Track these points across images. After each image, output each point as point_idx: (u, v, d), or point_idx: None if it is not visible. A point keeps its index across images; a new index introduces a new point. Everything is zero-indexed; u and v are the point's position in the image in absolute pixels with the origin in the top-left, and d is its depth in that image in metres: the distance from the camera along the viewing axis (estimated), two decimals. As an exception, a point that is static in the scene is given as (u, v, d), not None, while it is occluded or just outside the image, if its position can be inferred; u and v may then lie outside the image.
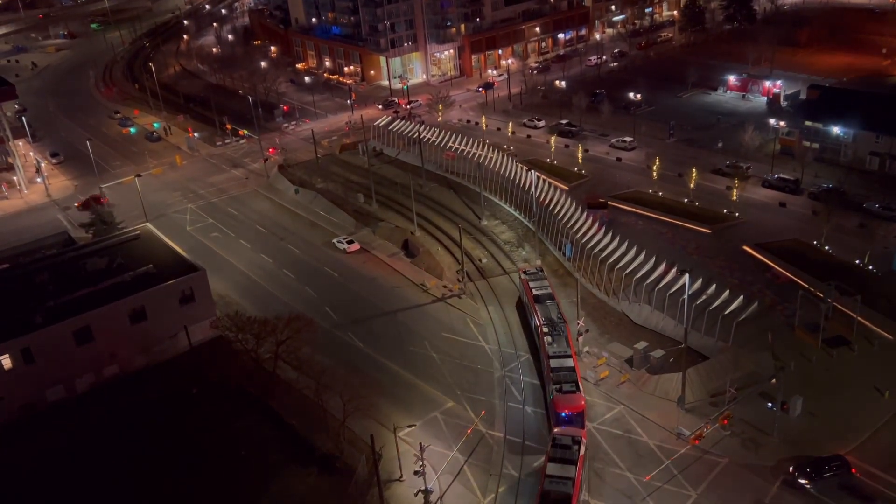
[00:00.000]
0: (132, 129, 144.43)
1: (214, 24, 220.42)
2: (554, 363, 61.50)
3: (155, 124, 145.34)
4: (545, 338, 64.31)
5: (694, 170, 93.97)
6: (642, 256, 76.08)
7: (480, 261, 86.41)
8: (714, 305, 67.84)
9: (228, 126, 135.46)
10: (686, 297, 63.75)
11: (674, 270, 72.37)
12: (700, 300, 68.58)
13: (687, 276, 63.16)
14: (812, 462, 54.68)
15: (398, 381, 67.53)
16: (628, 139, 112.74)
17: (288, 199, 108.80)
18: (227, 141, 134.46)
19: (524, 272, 75.87)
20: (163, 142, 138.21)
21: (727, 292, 68.98)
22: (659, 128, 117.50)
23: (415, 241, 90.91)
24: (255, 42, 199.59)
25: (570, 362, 61.28)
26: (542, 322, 66.39)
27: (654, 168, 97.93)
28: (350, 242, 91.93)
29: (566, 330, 65.16)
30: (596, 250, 78.81)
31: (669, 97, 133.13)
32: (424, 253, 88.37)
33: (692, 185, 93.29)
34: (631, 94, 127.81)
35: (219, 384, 65.14)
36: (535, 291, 71.20)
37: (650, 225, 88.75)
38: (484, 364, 68.96)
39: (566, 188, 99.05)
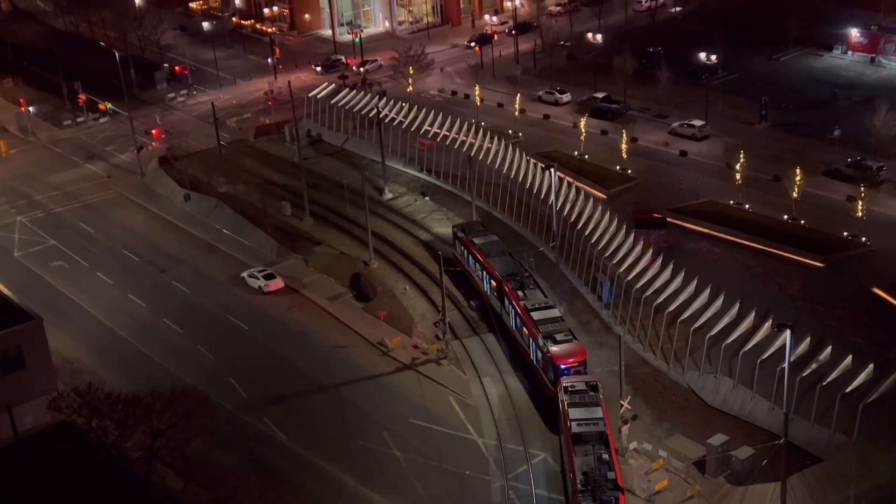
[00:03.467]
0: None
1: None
2: (537, 315, 75.01)
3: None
4: (516, 293, 77.89)
5: (798, 170, 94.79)
6: (719, 303, 76.32)
7: (471, 307, 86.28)
8: (829, 379, 68.00)
9: (83, 97, 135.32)
10: (787, 365, 63.70)
11: (767, 325, 72.60)
12: (808, 371, 68.76)
13: (788, 333, 63.11)
14: None
15: (341, 494, 66.99)
16: (698, 123, 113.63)
17: (173, 209, 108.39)
18: (80, 119, 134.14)
19: (460, 228, 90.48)
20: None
21: (849, 359, 69.14)
22: (745, 106, 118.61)
23: (370, 277, 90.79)
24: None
25: (554, 312, 76.23)
26: (504, 277, 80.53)
27: (738, 168, 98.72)
28: (269, 277, 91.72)
29: (535, 282, 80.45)
30: (649, 293, 79.00)
31: (760, 60, 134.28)
32: (385, 295, 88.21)
33: (795, 195, 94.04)
34: (702, 55, 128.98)
35: (61, 498, 64.04)
36: (485, 249, 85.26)
37: (731, 254, 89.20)
38: (475, 468, 68.66)
39: (603, 196, 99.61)
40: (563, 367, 70.23)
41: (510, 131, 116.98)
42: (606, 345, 78.72)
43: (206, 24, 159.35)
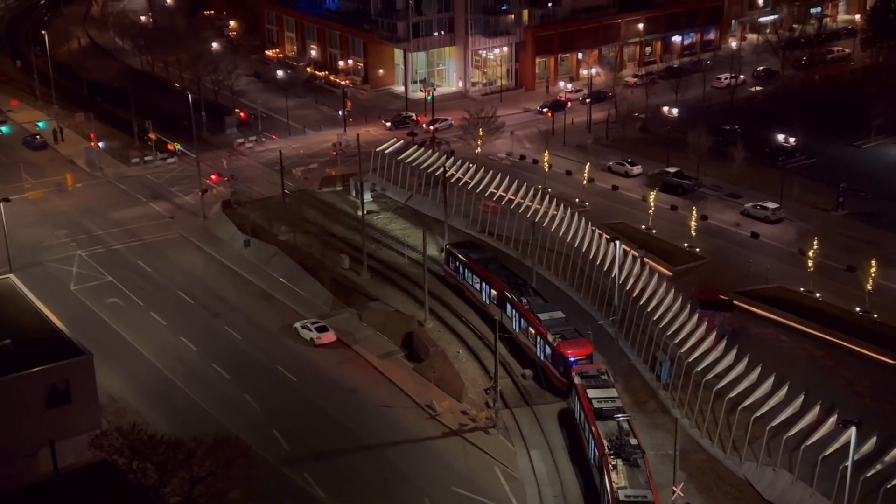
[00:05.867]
0: (4, 129, 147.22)
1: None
2: (544, 316, 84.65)
3: (40, 124, 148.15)
4: (521, 300, 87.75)
5: (873, 262, 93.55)
6: (783, 393, 75.00)
7: (524, 376, 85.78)
8: (894, 482, 66.35)
9: (153, 135, 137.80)
10: (850, 463, 62.41)
11: (832, 420, 71.21)
12: (872, 471, 67.16)
13: (853, 430, 61.97)
14: None
15: (377, 560, 66.46)
16: (772, 205, 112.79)
17: (232, 254, 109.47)
18: (147, 157, 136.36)
19: (454, 246, 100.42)
20: (49, 151, 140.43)
21: (917, 462, 67.58)
22: (821, 192, 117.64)
23: (423, 337, 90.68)
24: (207, 12, 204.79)
25: (559, 314, 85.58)
26: (507, 286, 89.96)
27: (811, 254, 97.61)
28: (322, 330, 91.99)
29: (534, 290, 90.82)
30: (710, 376, 77.93)
31: (840, 146, 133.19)
32: (437, 356, 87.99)
33: (869, 287, 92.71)
34: (780, 137, 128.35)
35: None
36: (483, 263, 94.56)
37: (799, 343, 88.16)
38: (517, 544, 67.81)
39: (669, 273, 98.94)
40: (572, 358, 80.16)
41: (577, 200, 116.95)
42: (662, 427, 77.66)
43: (280, 73, 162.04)
